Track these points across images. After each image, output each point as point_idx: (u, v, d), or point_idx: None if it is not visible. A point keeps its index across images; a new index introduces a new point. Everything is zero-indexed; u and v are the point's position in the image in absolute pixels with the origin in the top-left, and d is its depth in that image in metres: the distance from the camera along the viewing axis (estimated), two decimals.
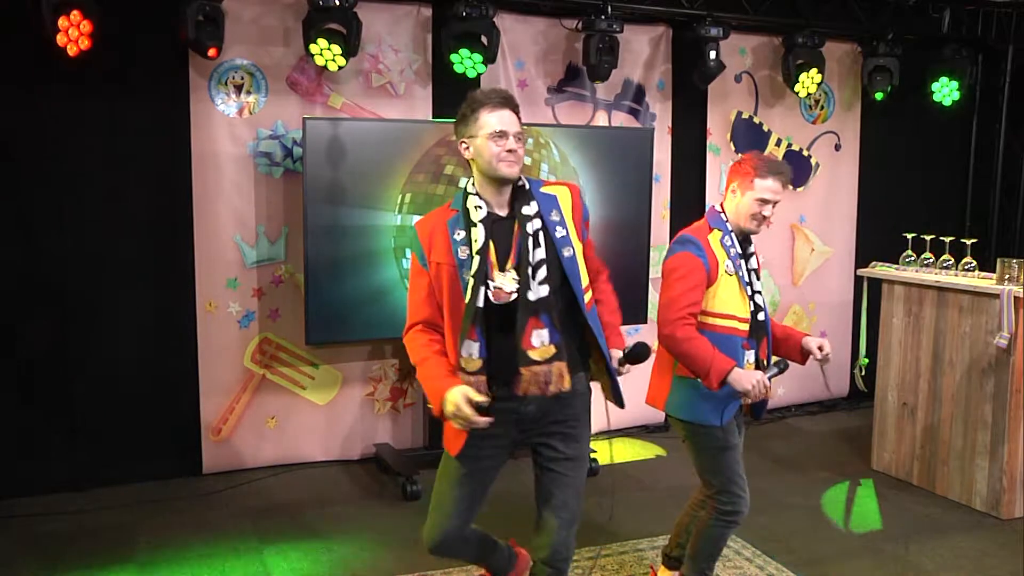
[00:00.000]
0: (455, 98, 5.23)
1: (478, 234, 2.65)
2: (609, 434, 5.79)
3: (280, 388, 5.06)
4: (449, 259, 2.66)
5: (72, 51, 4.16)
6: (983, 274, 4.75)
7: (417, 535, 3.01)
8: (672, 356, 3.16)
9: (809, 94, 5.88)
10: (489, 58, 4.97)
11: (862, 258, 6.13)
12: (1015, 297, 4.34)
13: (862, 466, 5.20)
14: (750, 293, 3.15)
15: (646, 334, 5.86)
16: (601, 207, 5.16)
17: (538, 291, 2.65)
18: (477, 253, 2.63)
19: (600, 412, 2.97)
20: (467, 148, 2.69)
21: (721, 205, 3.24)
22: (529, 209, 2.70)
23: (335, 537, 4.17)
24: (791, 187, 3.18)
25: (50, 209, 4.54)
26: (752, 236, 3.24)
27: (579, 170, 5.09)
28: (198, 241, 4.80)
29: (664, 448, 5.55)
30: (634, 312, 5.40)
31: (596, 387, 2.98)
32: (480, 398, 2.58)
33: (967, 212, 6.90)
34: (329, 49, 4.61)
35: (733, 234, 3.18)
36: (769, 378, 3.03)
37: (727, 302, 3.12)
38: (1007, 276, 4.45)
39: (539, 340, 2.67)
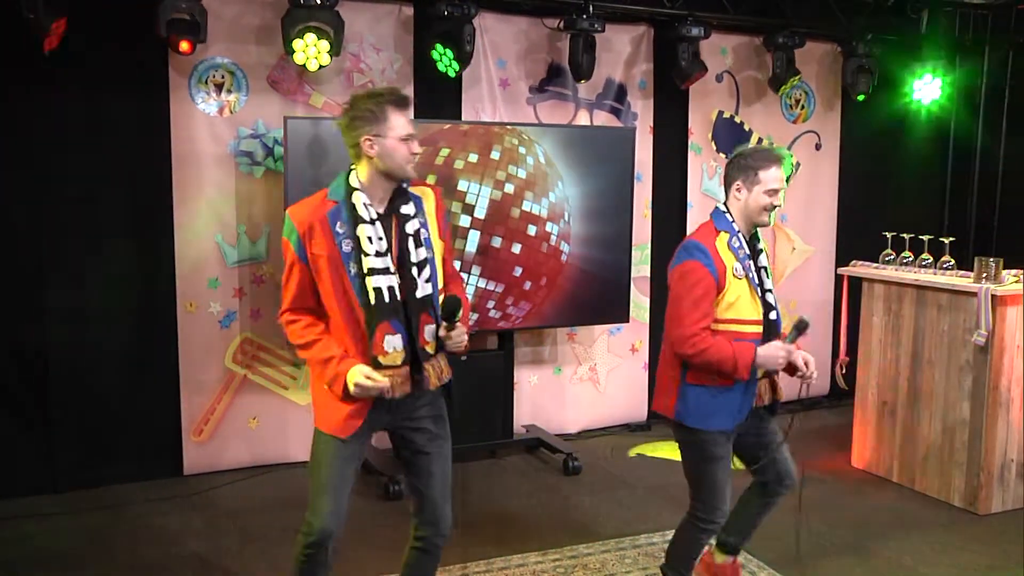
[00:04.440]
0: (437, 98, 5.29)
1: (377, 232, 2.69)
2: (602, 432, 5.83)
3: (262, 388, 5.03)
4: (332, 251, 2.68)
5: (45, 46, 4.12)
6: (961, 272, 4.79)
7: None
8: (679, 364, 3.14)
9: (791, 92, 5.90)
10: (470, 57, 4.96)
11: (842, 257, 6.17)
12: (992, 295, 4.38)
13: (842, 463, 5.24)
14: (761, 294, 3.13)
15: (628, 333, 5.89)
16: (583, 206, 5.17)
17: (424, 288, 2.74)
18: (379, 254, 2.67)
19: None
20: (372, 146, 2.69)
21: (725, 205, 3.20)
22: (408, 208, 2.78)
23: None
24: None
25: (29, 208, 4.49)
26: (760, 231, 3.23)
27: (561, 169, 5.09)
28: (178, 241, 4.77)
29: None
30: (617, 311, 5.41)
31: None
32: (379, 378, 2.65)
33: (945, 211, 6.96)
34: (315, 47, 4.56)
35: (740, 234, 3.14)
36: (790, 341, 3.04)
37: (738, 307, 3.08)
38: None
39: (430, 334, 2.79)
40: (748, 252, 3.14)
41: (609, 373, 5.88)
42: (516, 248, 4.99)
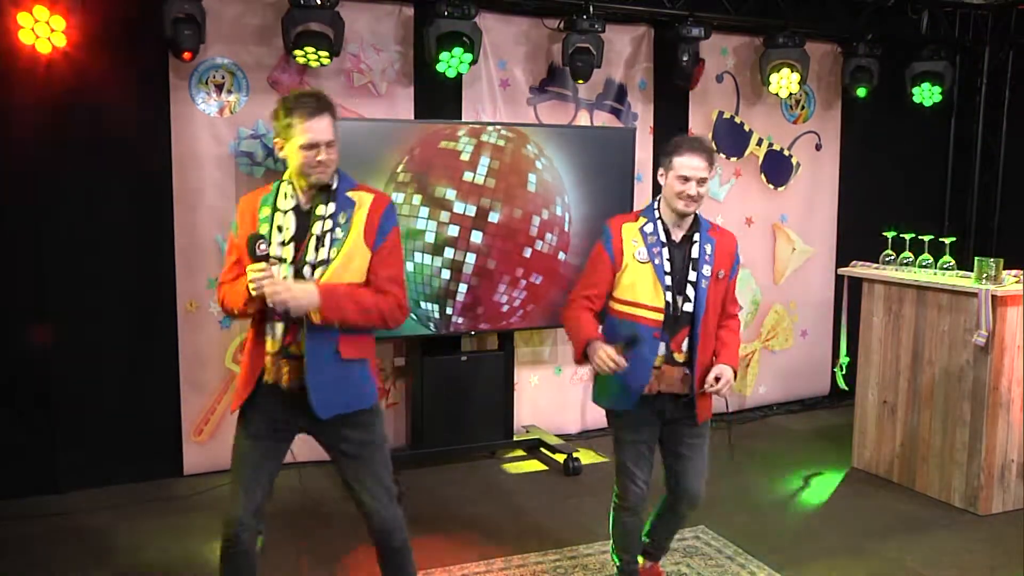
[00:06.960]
0: (437, 98, 5.28)
1: (286, 223, 2.77)
2: (602, 432, 5.82)
3: None
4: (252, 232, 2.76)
5: (44, 48, 4.12)
6: (961, 273, 4.79)
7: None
8: None
9: (791, 94, 5.90)
10: (472, 58, 4.96)
11: (843, 257, 6.17)
12: (992, 296, 4.38)
13: (843, 464, 5.24)
14: (668, 284, 3.11)
15: None
16: (583, 207, 5.17)
17: None
18: (282, 243, 2.75)
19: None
20: (279, 149, 2.80)
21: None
22: (323, 210, 2.79)
23: (318, 537, 4.16)
24: (711, 163, 3.15)
25: (30, 209, 4.49)
26: (714, 232, 3.21)
27: (561, 170, 5.09)
28: (179, 241, 4.77)
29: None
30: None
31: None
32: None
33: (946, 211, 6.96)
34: (315, 53, 4.61)
35: (660, 221, 3.16)
36: (623, 352, 3.02)
37: (635, 290, 3.13)
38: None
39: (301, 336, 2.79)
40: (664, 240, 3.14)
41: None
42: (515, 248, 4.99)
